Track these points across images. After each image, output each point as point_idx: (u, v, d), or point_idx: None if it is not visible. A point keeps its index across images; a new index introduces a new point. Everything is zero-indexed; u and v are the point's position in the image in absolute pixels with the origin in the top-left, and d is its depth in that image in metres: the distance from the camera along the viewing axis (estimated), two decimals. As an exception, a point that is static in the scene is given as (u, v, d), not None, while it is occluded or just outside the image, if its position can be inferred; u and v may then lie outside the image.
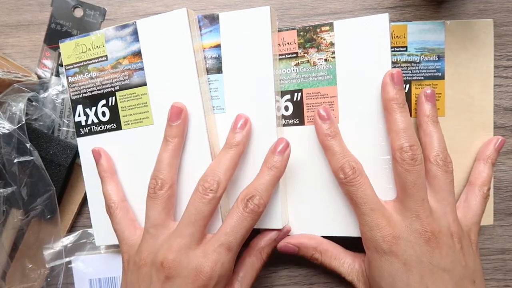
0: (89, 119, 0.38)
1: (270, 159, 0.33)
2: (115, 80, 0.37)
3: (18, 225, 0.40)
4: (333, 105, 0.35)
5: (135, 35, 0.36)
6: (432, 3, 0.40)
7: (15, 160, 0.38)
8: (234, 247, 0.31)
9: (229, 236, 0.31)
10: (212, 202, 0.31)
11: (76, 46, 0.38)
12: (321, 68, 0.35)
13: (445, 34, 0.36)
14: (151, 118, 0.36)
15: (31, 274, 0.41)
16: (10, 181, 0.38)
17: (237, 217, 0.31)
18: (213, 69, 0.36)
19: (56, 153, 0.39)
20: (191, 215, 0.31)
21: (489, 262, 0.40)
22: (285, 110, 0.36)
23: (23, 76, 0.40)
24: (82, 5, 0.42)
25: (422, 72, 0.36)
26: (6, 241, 0.40)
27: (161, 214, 0.33)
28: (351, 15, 0.40)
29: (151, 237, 0.33)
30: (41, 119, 0.41)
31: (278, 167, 0.32)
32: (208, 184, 0.31)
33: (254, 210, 0.31)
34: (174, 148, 0.34)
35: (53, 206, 0.39)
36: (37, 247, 0.41)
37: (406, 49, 0.36)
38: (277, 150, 0.33)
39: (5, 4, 0.43)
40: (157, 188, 0.33)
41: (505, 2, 0.39)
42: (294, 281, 0.41)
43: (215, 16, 0.35)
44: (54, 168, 0.39)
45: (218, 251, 0.30)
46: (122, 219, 0.35)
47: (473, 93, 0.36)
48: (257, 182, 0.32)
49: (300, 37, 0.36)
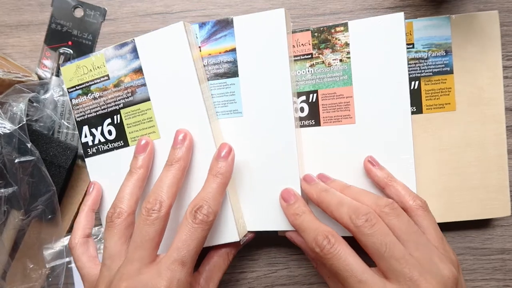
0: (95, 139, 0.38)
1: (215, 166, 0.33)
2: (119, 98, 0.37)
3: (18, 225, 0.40)
4: (349, 105, 0.35)
5: (134, 53, 0.36)
6: (432, 3, 0.40)
7: (16, 160, 0.38)
8: (188, 261, 0.30)
9: (181, 250, 0.30)
10: (157, 222, 0.30)
11: (77, 68, 0.38)
12: (336, 68, 0.35)
13: (451, 29, 0.36)
14: (157, 133, 0.36)
15: (32, 274, 0.41)
16: (11, 181, 0.38)
17: (187, 230, 0.30)
18: (229, 73, 0.36)
19: (56, 154, 0.39)
20: (137, 239, 0.30)
21: (489, 262, 0.40)
22: (301, 112, 0.37)
23: (23, 76, 0.40)
24: (83, 5, 0.42)
25: (431, 68, 0.37)
26: (6, 241, 0.40)
27: (117, 244, 0.32)
28: (351, 15, 0.40)
29: (106, 269, 0.32)
30: (42, 120, 0.41)
31: (223, 173, 0.32)
32: (150, 205, 0.31)
33: (203, 220, 0.30)
34: (137, 178, 0.34)
35: (54, 206, 0.39)
36: (38, 247, 0.41)
37: (413, 46, 0.36)
38: (220, 155, 0.33)
39: (5, 4, 0.43)
40: (114, 217, 0.32)
41: (505, 2, 0.39)
42: (294, 281, 0.41)
43: (229, 20, 0.36)
44: (54, 169, 0.39)
45: (171, 268, 0.29)
46: (81, 256, 0.35)
47: (483, 85, 0.36)
48: (204, 191, 0.32)
49: (314, 38, 0.36)
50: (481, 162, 0.37)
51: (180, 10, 0.42)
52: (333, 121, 0.36)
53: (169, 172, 0.33)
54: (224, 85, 0.36)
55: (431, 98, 0.37)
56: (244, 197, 0.36)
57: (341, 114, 0.36)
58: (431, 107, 0.37)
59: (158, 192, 0.31)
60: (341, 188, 0.34)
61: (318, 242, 0.29)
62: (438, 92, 0.37)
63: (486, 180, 0.37)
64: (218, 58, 0.36)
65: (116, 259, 0.32)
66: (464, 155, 0.37)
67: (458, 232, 0.40)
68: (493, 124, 0.37)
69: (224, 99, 0.36)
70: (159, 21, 0.42)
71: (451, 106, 0.37)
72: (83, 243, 0.35)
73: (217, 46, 0.36)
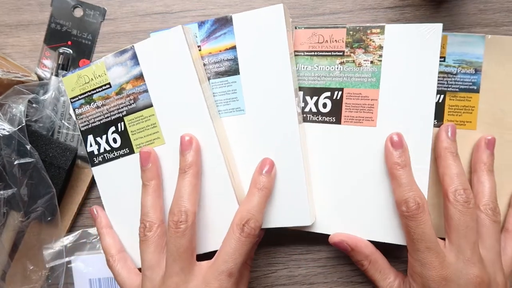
0: (101, 148, 0.38)
1: (258, 179, 0.34)
2: (122, 106, 0.37)
3: (18, 226, 0.40)
4: (372, 107, 0.35)
5: (134, 59, 0.36)
6: (432, 3, 0.40)
7: (16, 162, 0.38)
8: (234, 272, 0.31)
9: (228, 263, 0.31)
10: (187, 232, 0.31)
11: (79, 78, 0.38)
12: (366, 69, 0.35)
13: (484, 48, 0.36)
14: (162, 138, 0.36)
15: (32, 276, 0.41)
16: (11, 183, 0.38)
17: (235, 242, 0.31)
18: (230, 71, 0.36)
19: (56, 155, 0.39)
20: (174, 252, 0.31)
21: (488, 261, 0.40)
22: (323, 107, 0.36)
23: (23, 76, 0.40)
24: (82, 5, 0.42)
25: (458, 84, 0.36)
26: (6, 242, 0.40)
27: (154, 255, 0.33)
28: (351, 15, 0.40)
29: (148, 280, 0.33)
30: (41, 120, 0.41)
31: (267, 187, 0.34)
32: (176, 217, 0.32)
33: (251, 234, 0.31)
34: (153, 189, 0.35)
35: (54, 208, 0.39)
36: (37, 249, 0.41)
37: (444, 59, 0.36)
38: (263, 170, 0.34)
39: (5, 4, 0.43)
40: (146, 231, 0.33)
41: (505, 2, 0.39)
42: (294, 281, 0.41)
43: (228, 18, 0.36)
44: (54, 170, 0.39)
45: (219, 278, 0.31)
46: (121, 270, 0.36)
47: (506, 109, 0.36)
48: (249, 204, 0.33)
49: (349, 36, 0.35)
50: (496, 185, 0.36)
51: (180, 10, 0.42)
52: (354, 121, 0.36)
53: (185, 180, 0.33)
54: (225, 83, 0.36)
55: (454, 114, 0.36)
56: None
57: (364, 115, 0.35)
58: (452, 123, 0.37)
59: (180, 203, 0.32)
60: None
61: (408, 204, 0.31)
62: (461, 109, 0.36)
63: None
64: (218, 57, 0.36)
65: (156, 269, 0.33)
66: None
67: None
68: (511, 150, 0.36)
69: (226, 97, 0.36)
70: (158, 21, 0.42)
71: (472, 125, 0.36)
72: (120, 258, 0.36)
73: (217, 45, 0.36)
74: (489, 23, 0.39)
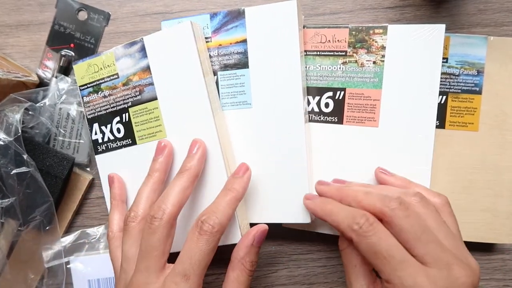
0: (105, 137, 0.38)
1: (229, 181, 0.33)
2: (127, 97, 0.37)
3: (16, 236, 0.40)
4: (374, 108, 0.35)
5: (143, 51, 0.36)
6: (432, 3, 0.40)
7: (12, 171, 0.38)
8: (190, 273, 0.29)
9: (183, 263, 0.29)
10: (158, 231, 0.30)
11: (89, 67, 0.38)
12: (369, 70, 0.35)
13: (486, 50, 0.36)
14: (164, 131, 0.36)
15: (32, 284, 0.41)
16: (8, 193, 0.38)
17: (190, 241, 0.29)
18: (239, 64, 0.36)
19: (53, 164, 0.39)
20: (143, 248, 0.30)
21: (489, 262, 0.40)
22: (325, 107, 0.36)
23: (23, 76, 0.40)
24: (87, 8, 0.42)
25: (460, 85, 0.36)
26: (4, 251, 0.39)
27: (131, 248, 0.32)
28: (351, 15, 0.40)
29: (123, 272, 0.32)
30: (37, 127, 0.41)
31: (236, 189, 0.32)
32: (153, 212, 0.31)
33: (208, 231, 0.29)
34: (154, 181, 0.34)
35: (52, 217, 0.39)
36: (38, 258, 0.40)
37: (447, 60, 0.36)
38: (237, 174, 0.34)
39: (5, 4, 0.43)
40: (129, 220, 0.33)
41: (505, 2, 0.39)
42: (294, 281, 0.41)
43: (240, 11, 0.36)
44: (51, 179, 0.39)
45: (175, 281, 0.29)
46: (115, 249, 0.35)
47: (509, 111, 0.36)
48: (214, 204, 0.32)
49: (351, 36, 0.35)
50: (494, 186, 0.36)
51: (180, 10, 0.42)
52: (356, 121, 0.36)
53: (178, 181, 0.33)
54: (234, 76, 0.36)
55: (456, 115, 0.37)
56: (251, 188, 0.36)
57: (366, 115, 0.35)
58: (454, 124, 0.37)
59: (163, 200, 0.31)
60: (362, 185, 0.34)
61: (356, 220, 0.28)
62: (463, 110, 0.36)
63: (496, 205, 0.37)
64: (228, 49, 0.36)
65: (131, 263, 0.32)
66: (478, 177, 0.37)
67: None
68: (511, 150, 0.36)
69: (233, 90, 0.36)
70: (158, 21, 0.42)
71: (474, 126, 0.36)
72: (118, 237, 0.35)
73: (227, 37, 0.36)
74: (489, 23, 0.39)
